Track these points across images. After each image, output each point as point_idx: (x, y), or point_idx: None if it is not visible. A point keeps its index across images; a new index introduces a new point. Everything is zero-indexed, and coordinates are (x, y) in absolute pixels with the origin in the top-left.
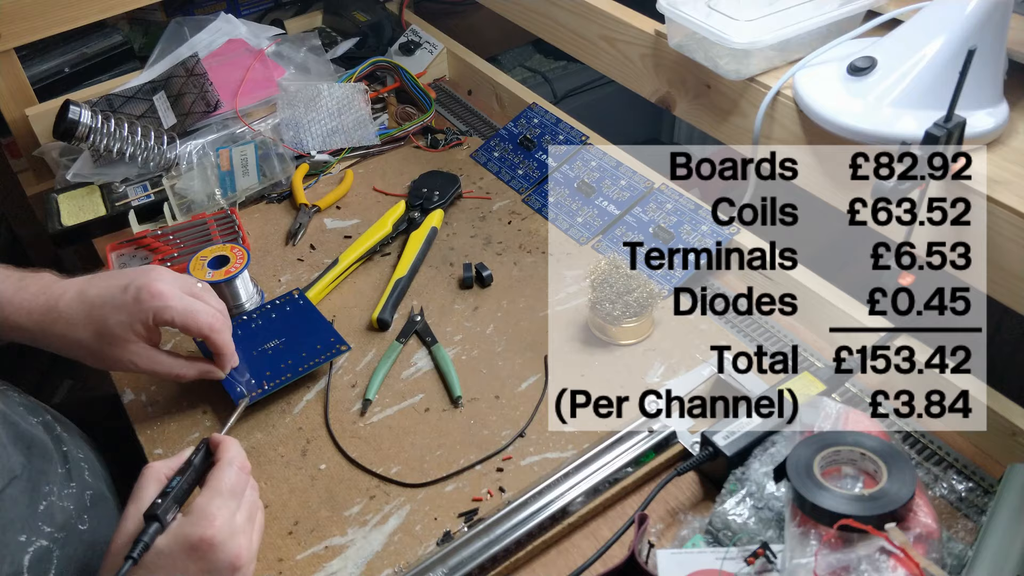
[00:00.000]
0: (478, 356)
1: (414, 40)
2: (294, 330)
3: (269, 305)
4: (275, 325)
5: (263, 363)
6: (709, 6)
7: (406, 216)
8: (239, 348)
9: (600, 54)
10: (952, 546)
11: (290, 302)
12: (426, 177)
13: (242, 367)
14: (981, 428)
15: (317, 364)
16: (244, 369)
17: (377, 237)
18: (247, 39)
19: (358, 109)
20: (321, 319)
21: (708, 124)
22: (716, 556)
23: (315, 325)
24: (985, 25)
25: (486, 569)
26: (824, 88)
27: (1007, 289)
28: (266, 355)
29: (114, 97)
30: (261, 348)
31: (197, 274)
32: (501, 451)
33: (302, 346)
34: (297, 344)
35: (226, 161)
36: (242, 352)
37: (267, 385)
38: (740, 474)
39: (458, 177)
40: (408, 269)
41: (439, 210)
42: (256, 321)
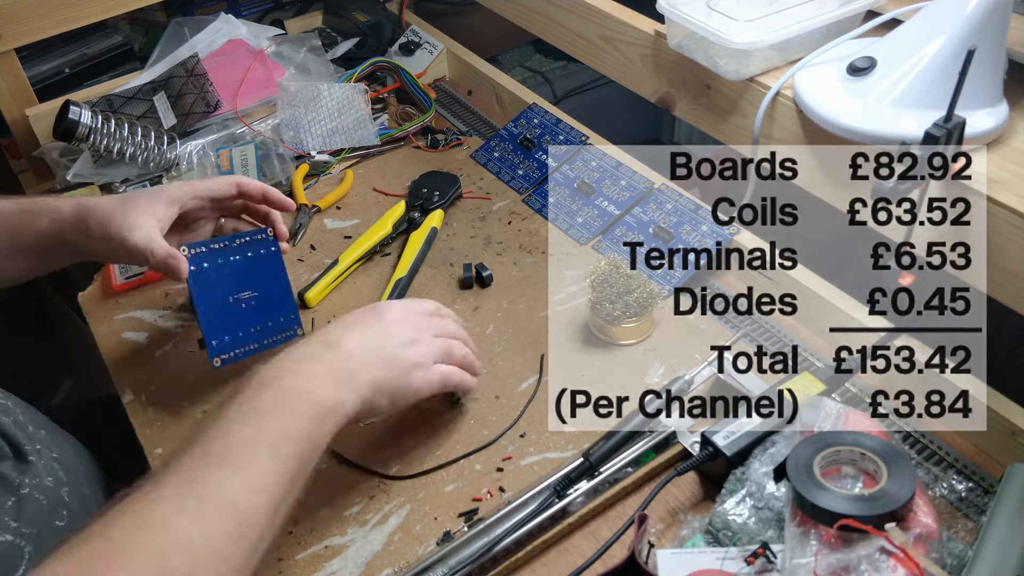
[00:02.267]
0: (478, 356)
1: (414, 40)
2: (264, 285)
3: (246, 239)
4: (249, 270)
5: (237, 318)
6: (709, 6)
7: (406, 216)
8: (217, 287)
9: (600, 54)
10: (952, 546)
11: (263, 244)
12: (426, 177)
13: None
14: (981, 428)
15: (275, 343)
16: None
17: (377, 237)
18: (247, 39)
19: (358, 109)
20: (286, 284)
21: (708, 124)
22: (716, 556)
23: (280, 289)
24: (985, 25)
25: (486, 569)
26: (824, 88)
27: (1007, 289)
28: (240, 308)
29: (114, 97)
30: (236, 296)
31: None
32: (492, 444)
33: (268, 310)
34: (265, 306)
35: (226, 161)
36: (220, 294)
37: (239, 350)
38: (740, 474)
39: (458, 177)
40: (408, 269)
41: (439, 210)
42: (234, 255)
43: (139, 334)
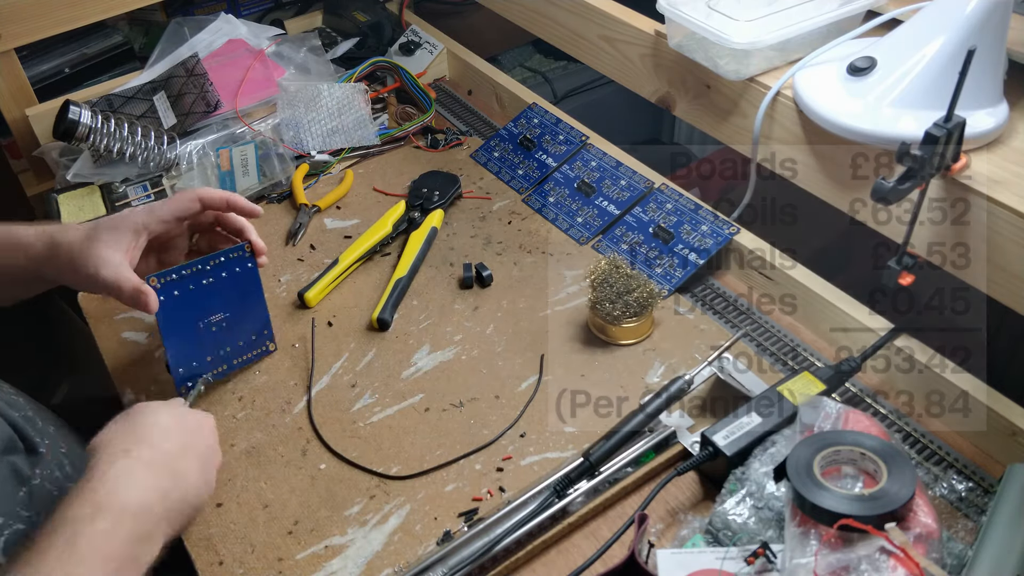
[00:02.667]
0: (478, 356)
1: (414, 40)
2: (237, 304)
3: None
4: (222, 290)
5: (205, 342)
6: (709, 6)
7: (406, 216)
8: (187, 313)
9: (600, 54)
10: (952, 546)
11: (238, 261)
12: (426, 177)
13: (187, 341)
14: (981, 428)
15: (246, 362)
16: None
17: (377, 237)
18: (247, 39)
19: (358, 109)
20: (260, 300)
21: (708, 124)
22: (716, 556)
23: (254, 305)
24: (985, 25)
25: (486, 569)
26: (824, 88)
27: (1007, 289)
28: (210, 332)
29: (114, 97)
30: (207, 320)
31: None
32: (492, 444)
33: (240, 330)
34: (237, 325)
35: (226, 161)
36: (189, 320)
37: (207, 375)
38: (740, 474)
39: (458, 177)
40: (408, 269)
41: (439, 210)
42: (207, 278)
43: (139, 334)
